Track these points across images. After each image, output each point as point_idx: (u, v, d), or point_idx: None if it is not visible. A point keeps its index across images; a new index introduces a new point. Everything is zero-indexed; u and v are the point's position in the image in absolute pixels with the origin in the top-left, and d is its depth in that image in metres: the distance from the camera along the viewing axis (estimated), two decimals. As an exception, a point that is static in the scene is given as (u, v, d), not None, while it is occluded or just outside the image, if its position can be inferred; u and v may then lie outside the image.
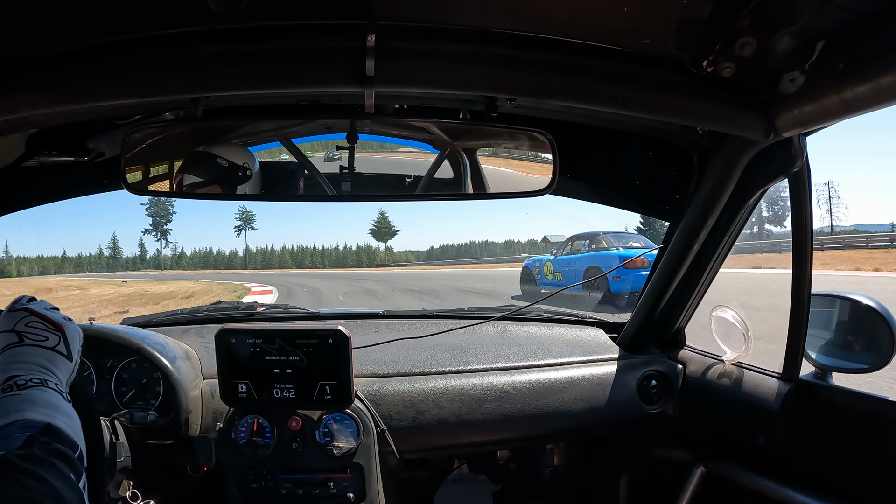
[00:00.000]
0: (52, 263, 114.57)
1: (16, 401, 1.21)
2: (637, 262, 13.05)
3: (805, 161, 1.69)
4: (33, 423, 1.16)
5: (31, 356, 1.35)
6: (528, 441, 2.42)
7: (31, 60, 1.34)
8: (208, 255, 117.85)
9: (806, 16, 1.17)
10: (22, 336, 1.38)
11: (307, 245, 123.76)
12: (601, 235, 16.67)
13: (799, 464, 1.94)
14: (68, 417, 1.25)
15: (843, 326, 1.94)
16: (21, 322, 1.41)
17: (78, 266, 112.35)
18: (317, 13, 1.32)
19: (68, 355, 1.43)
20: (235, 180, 1.80)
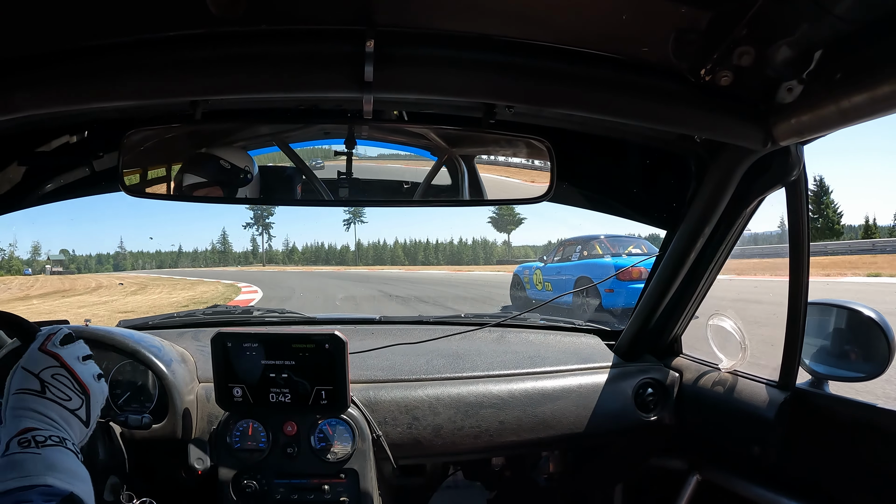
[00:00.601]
0: (168, 258, 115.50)
1: (35, 461, 1.19)
2: (633, 272, 12.19)
3: (802, 170, 1.70)
4: (56, 490, 1.14)
5: (49, 410, 1.32)
6: (523, 448, 2.42)
7: (31, 60, 1.33)
8: (319, 249, 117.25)
9: (803, 26, 1.17)
10: (45, 387, 1.34)
11: (420, 239, 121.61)
12: (595, 240, 15.24)
13: (795, 472, 1.94)
14: (85, 484, 1.24)
15: (839, 335, 1.94)
16: (48, 371, 1.36)
17: (194, 260, 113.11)
18: (316, 18, 1.32)
19: (86, 421, 1.39)
20: (236, 183, 1.80)
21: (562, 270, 14.95)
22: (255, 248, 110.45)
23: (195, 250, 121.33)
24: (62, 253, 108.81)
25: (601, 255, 14.42)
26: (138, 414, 2.04)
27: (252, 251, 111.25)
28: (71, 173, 2.17)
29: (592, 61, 1.40)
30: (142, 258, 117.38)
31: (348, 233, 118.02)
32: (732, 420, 2.11)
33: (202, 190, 1.80)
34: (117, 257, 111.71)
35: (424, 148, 1.92)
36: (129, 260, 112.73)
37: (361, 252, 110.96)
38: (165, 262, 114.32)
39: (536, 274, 16.24)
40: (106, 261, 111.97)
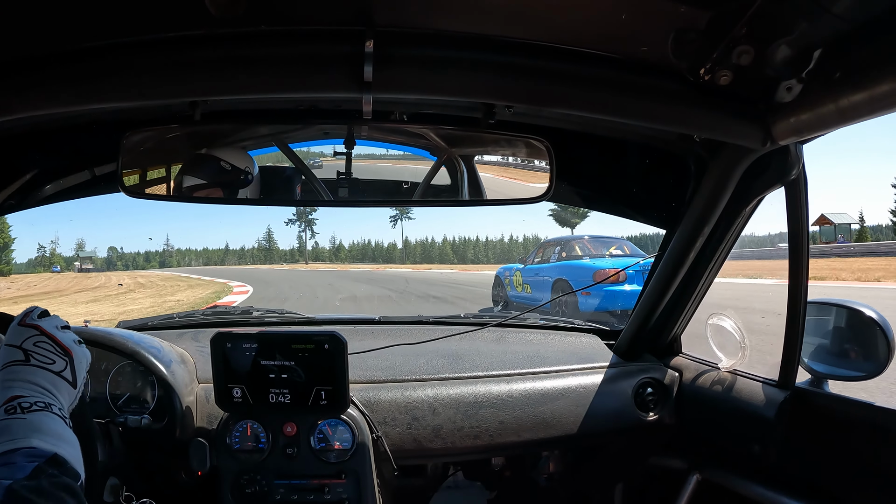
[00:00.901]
0: (215, 255, 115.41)
1: (21, 425, 1.19)
2: (611, 274, 11.75)
3: (801, 169, 1.70)
4: (40, 452, 1.15)
5: (35, 377, 1.33)
6: (523, 448, 2.42)
7: (30, 61, 1.33)
8: (366, 247, 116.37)
9: (803, 25, 1.17)
10: (28, 355, 1.35)
11: (469, 237, 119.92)
12: (575, 241, 14.81)
13: (795, 471, 1.94)
14: (72, 446, 1.24)
15: (839, 334, 1.94)
16: (29, 340, 1.38)
17: (241, 258, 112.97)
18: (316, 19, 1.32)
19: (73, 382, 1.40)
20: (236, 184, 1.80)
21: (540, 272, 14.51)
22: (302, 246, 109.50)
23: (242, 248, 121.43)
24: (109, 250, 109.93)
25: (580, 256, 13.98)
26: (138, 415, 2.04)
27: (298, 249, 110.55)
28: (70, 175, 2.17)
29: (592, 61, 1.40)
30: (189, 255, 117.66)
31: (395, 230, 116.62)
32: (732, 419, 2.11)
33: (202, 191, 1.81)
34: (163, 255, 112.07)
35: (424, 148, 1.92)
36: (176, 257, 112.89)
37: (409, 250, 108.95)
38: (212, 260, 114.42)
39: (516, 275, 15.76)
40: (153, 258, 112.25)
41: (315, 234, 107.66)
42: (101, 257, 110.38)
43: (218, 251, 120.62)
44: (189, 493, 2.29)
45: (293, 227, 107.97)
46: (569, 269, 13.32)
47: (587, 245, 14.35)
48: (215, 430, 2.13)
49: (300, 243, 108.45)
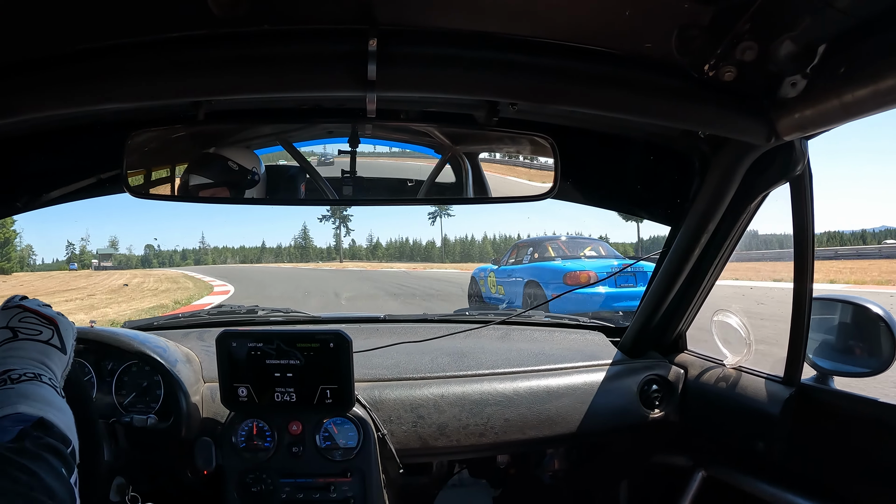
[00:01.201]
0: (252, 253, 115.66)
1: (9, 394, 1.21)
2: (581, 276, 11.72)
3: (806, 165, 1.69)
4: (26, 416, 1.15)
5: (26, 350, 1.35)
6: (528, 446, 2.41)
7: (33, 63, 1.34)
8: (404, 245, 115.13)
9: (807, 20, 1.17)
10: (16, 331, 1.38)
11: (510, 234, 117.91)
12: (549, 241, 14.38)
13: (800, 468, 1.93)
14: (62, 412, 1.25)
15: (844, 330, 1.94)
16: (14, 318, 1.40)
17: (277, 255, 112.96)
18: (318, 18, 1.32)
19: (62, 348, 1.42)
20: (243, 184, 1.81)
21: (513, 273, 14.16)
22: (338, 244, 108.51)
23: (279, 246, 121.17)
24: (146, 248, 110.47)
25: (553, 257, 13.56)
26: (143, 414, 2.05)
27: (335, 247, 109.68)
28: (75, 175, 2.17)
29: (595, 58, 1.40)
30: (225, 253, 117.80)
31: (434, 227, 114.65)
32: (737, 416, 2.10)
33: (207, 190, 1.81)
34: (198, 253, 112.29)
35: (428, 146, 1.92)
36: (211, 255, 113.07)
37: (448, 248, 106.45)
38: (249, 258, 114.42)
39: (490, 276, 15.41)
40: (189, 256, 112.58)
41: (350, 230, 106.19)
42: (137, 255, 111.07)
43: (255, 249, 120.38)
44: (195, 492, 2.29)
45: (328, 225, 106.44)
46: (539, 271, 13.09)
47: (561, 246, 14.09)
48: (221, 429, 2.13)
49: (336, 241, 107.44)
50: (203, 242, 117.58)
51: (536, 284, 12.62)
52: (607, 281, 11.31)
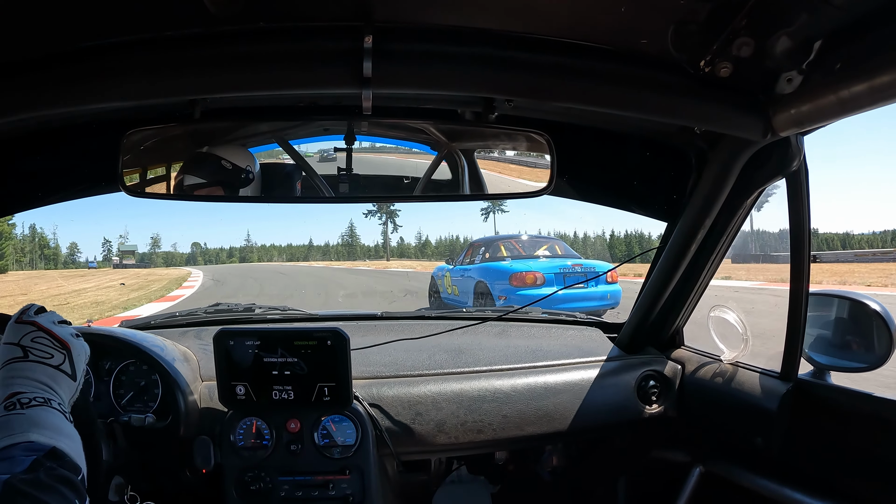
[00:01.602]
0: (299, 251, 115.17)
1: (20, 420, 1.20)
2: (527, 277, 11.52)
3: (802, 160, 1.69)
4: (38, 445, 1.15)
5: (35, 373, 1.33)
6: (526, 442, 2.42)
7: (29, 62, 1.33)
8: (454, 243, 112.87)
9: (803, 16, 1.17)
10: (27, 351, 1.36)
11: (566, 232, 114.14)
12: (502, 241, 14.08)
13: (797, 463, 1.94)
14: (71, 440, 1.24)
15: (841, 325, 1.94)
16: (27, 336, 1.38)
17: (325, 253, 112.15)
18: (314, 15, 1.32)
19: (72, 375, 1.41)
20: (238, 182, 1.80)
21: (465, 273, 13.70)
22: (386, 242, 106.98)
23: (326, 244, 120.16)
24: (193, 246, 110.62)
25: (504, 257, 13.21)
26: (141, 414, 2.05)
27: (382, 245, 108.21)
28: (70, 174, 2.17)
29: (591, 54, 1.40)
30: (272, 251, 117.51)
31: (486, 223, 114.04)
32: (735, 411, 2.11)
33: (203, 189, 1.80)
34: (244, 251, 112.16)
35: (424, 143, 1.92)
36: (257, 253, 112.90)
37: None
38: (296, 256, 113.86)
39: (447, 276, 14.81)
40: (235, 253, 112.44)
41: (398, 227, 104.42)
42: (183, 252, 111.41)
43: (302, 247, 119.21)
44: (193, 490, 2.29)
45: (374, 221, 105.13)
46: (487, 271, 12.80)
47: (516, 245, 13.77)
48: (219, 427, 2.13)
49: (384, 238, 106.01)
50: (248, 240, 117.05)
51: (485, 284, 12.43)
52: (555, 282, 11.30)
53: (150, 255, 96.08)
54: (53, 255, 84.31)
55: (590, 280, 11.16)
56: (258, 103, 1.84)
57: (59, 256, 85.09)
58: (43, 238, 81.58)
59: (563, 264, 12.00)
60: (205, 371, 2.30)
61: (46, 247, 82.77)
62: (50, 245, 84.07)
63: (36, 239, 79.02)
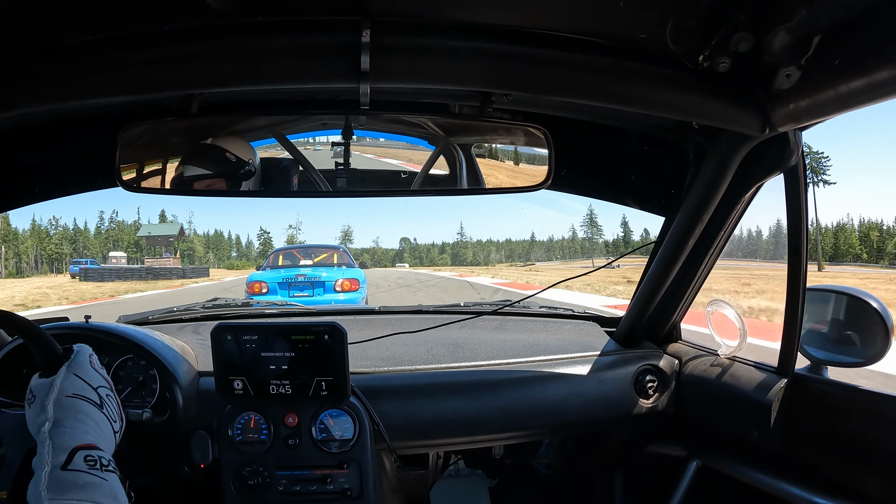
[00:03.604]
0: (519, 247, 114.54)
1: (102, 488, 1.21)
2: (254, 286, 13.19)
3: (800, 156, 1.70)
4: None
5: (106, 431, 1.35)
6: (524, 436, 2.42)
7: (26, 57, 1.33)
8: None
9: (802, 12, 1.17)
10: (103, 402, 1.37)
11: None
12: (284, 250, 15.96)
13: (794, 457, 1.94)
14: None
15: (838, 321, 1.95)
16: (103, 388, 1.40)
17: (549, 249, 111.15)
18: (312, 9, 1.32)
19: (116, 447, 1.41)
20: (240, 176, 1.80)
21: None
22: (628, 234, 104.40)
23: (550, 238, 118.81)
24: (402, 241, 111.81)
25: (273, 265, 15.12)
26: (139, 409, 2.05)
27: (624, 238, 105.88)
28: (67, 169, 2.17)
29: (590, 48, 1.40)
30: (489, 246, 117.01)
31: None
32: (732, 406, 2.11)
33: (200, 183, 1.80)
34: (456, 246, 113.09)
35: (422, 137, 1.92)
36: (472, 249, 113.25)
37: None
38: (515, 252, 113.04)
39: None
40: (446, 249, 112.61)
41: (599, 224, 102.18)
42: (392, 248, 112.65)
43: (522, 242, 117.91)
44: (192, 485, 2.29)
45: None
46: (249, 279, 14.18)
47: (295, 253, 15.74)
48: (217, 422, 2.13)
49: (625, 233, 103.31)
50: (461, 234, 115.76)
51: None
52: (279, 290, 13.03)
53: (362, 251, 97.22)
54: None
55: (316, 289, 13.27)
56: (256, 97, 1.84)
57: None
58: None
59: (287, 275, 13.65)
60: (203, 366, 2.29)
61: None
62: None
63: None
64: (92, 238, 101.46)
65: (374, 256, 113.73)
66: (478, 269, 57.29)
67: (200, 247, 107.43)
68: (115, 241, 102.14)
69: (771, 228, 75.68)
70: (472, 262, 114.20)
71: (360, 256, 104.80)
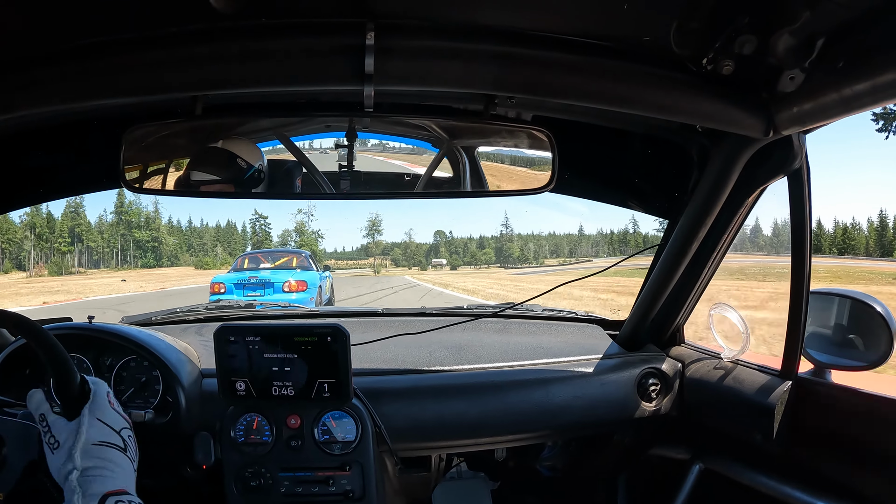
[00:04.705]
0: (565, 241, 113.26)
1: None
2: (214, 287, 14.96)
3: (804, 159, 1.69)
4: None
5: (131, 475, 1.37)
6: (526, 438, 2.42)
7: (31, 59, 1.34)
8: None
9: (806, 14, 1.17)
10: (126, 445, 1.40)
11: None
12: (250, 254, 17.55)
13: (797, 460, 1.94)
14: None
15: (841, 324, 1.94)
16: (125, 430, 1.43)
17: (595, 245, 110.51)
18: (316, 11, 1.32)
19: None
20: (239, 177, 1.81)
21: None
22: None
23: (600, 231, 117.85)
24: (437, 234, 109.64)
25: (237, 268, 16.99)
26: (141, 409, 2.05)
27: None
28: (72, 171, 2.18)
29: (594, 51, 1.40)
30: (530, 240, 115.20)
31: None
32: (735, 409, 2.11)
33: (205, 185, 1.81)
34: (500, 239, 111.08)
35: (425, 139, 1.92)
36: (517, 242, 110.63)
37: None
38: (559, 247, 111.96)
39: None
40: (487, 244, 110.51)
41: None
42: (426, 242, 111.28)
43: (569, 237, 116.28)
44: (194, 486, 2.30)
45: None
46: (213, 280, 16.15)
47: (260, 257, 17.69)
48: (220, 423, 2.14)
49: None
50: (506, 226, 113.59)
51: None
52: (234, 290, 14.82)
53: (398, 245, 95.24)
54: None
55: (266, 289, 14.88)
56: (260, 99, 1.84)
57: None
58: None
59: (242, 276, 15.60)
60: (205, 367, 2.29)
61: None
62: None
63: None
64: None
65: (405, 252, 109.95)
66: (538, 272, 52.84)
67: (170, 237, 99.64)
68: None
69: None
70: (520, 259, 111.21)
71: (391, 251, 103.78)
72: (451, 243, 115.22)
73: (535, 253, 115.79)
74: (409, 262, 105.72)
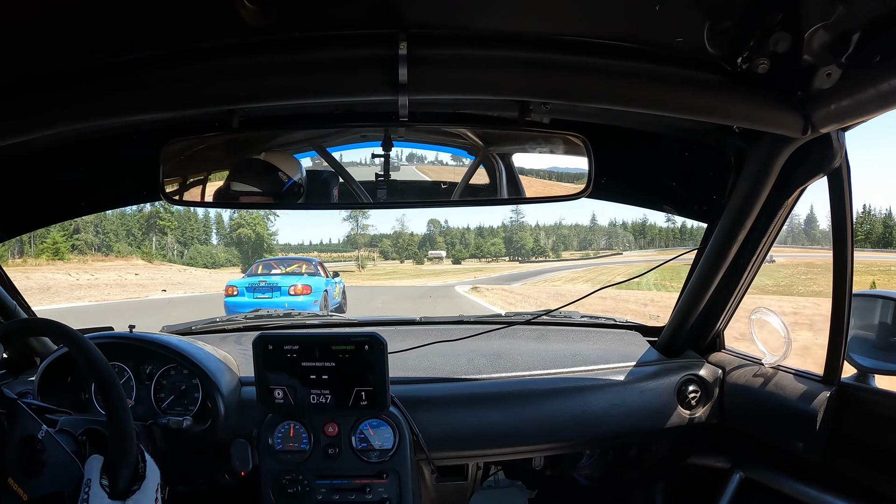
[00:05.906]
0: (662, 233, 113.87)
1: None
2: (228, 290, 15.65)
3: (844, 157, 1.66)
4: None
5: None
6: (564, 447, 2.40)
7: (68, 76, 1.36)
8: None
9: (840, 8, 1.16)
10: (142, 475, 1.48)
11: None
12: (265, 261, 18.48)
13: (841, 469, 1.90)
14: None
15: (885, 327, 1.90)
16: (159, 490, 1.49)
17: (611, 235, 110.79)
18: (348, 23, 1.33)
19: None
20: (290, 195, 1.84)
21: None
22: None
23: (612, 222, 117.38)
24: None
25: (251, 272, 17.93)
26: (180, 416, 2.08)
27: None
28: (111, 185, 2.22)
29: (626, 54, 1.40)
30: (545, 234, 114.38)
31: None
32: (776, 416, 2.07)
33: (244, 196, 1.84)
34: (509, 229, 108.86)
35: (461, 147, 1.93)
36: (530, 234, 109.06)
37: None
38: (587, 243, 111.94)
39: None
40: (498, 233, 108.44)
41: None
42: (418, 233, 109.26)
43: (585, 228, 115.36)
44: (231, 493, 2.32)
45: None
46: (228, 283, 16.78)
47: (273, 263, 18.75)
48: (257, 430, 2.16)
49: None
50: (517, 211, 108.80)
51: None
52: (245, 293, 15.82)
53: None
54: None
55: (274, 292, 15.78)
56: (295, 111, 1.87)
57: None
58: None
59: (253, 280, 16.45)
60: (244, 375, 2.32)
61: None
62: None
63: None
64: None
65: (396, 243, 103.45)
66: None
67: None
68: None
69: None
70: (535, 251, 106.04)
71: (379, 242, 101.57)
72: (448, 233, 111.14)
73: (554, 245, 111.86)
74: (400, 254, 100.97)
